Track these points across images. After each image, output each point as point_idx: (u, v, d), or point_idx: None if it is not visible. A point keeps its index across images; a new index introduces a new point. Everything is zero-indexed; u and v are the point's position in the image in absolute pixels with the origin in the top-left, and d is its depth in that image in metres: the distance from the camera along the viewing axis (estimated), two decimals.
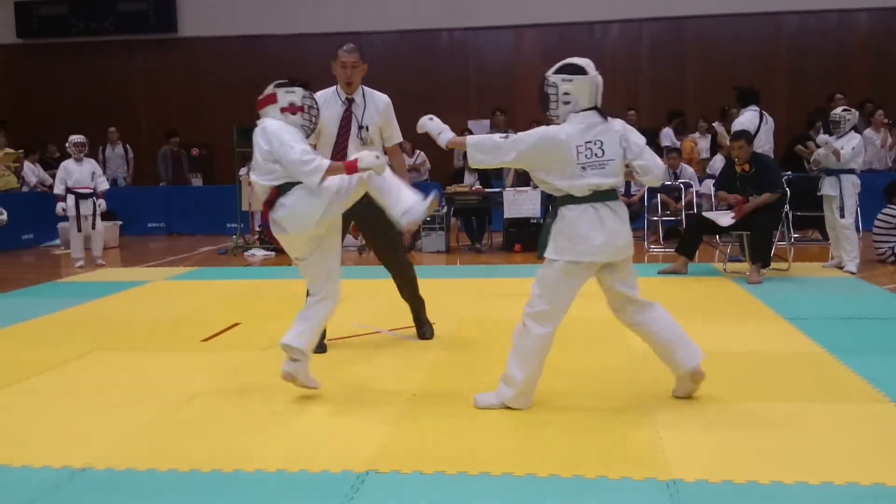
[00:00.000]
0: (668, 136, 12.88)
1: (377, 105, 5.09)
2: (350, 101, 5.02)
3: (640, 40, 15.13)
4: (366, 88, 5.11)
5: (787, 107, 13.68)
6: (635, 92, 14.82)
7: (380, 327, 5.71)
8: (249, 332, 5.78)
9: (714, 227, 7.84)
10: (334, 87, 5.07)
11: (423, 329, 5.43)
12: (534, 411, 3.82)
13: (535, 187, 10.38)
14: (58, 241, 11.85)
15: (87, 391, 4.37)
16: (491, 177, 10.84)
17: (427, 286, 5.57)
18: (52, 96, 16.07)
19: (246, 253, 10.55)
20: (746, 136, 7.70)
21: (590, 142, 3.64)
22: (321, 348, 4.89)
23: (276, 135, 3.89)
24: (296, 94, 4.05)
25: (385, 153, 4.96)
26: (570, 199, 3.67)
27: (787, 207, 7.76)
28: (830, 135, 8.14)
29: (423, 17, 15.14)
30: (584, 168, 3.62)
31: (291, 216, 3.90)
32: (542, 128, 3.73)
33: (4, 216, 8.53)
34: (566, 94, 3.66)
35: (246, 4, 15.61)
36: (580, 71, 3.68)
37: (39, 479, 3.14)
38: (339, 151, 4.94)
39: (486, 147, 3.76)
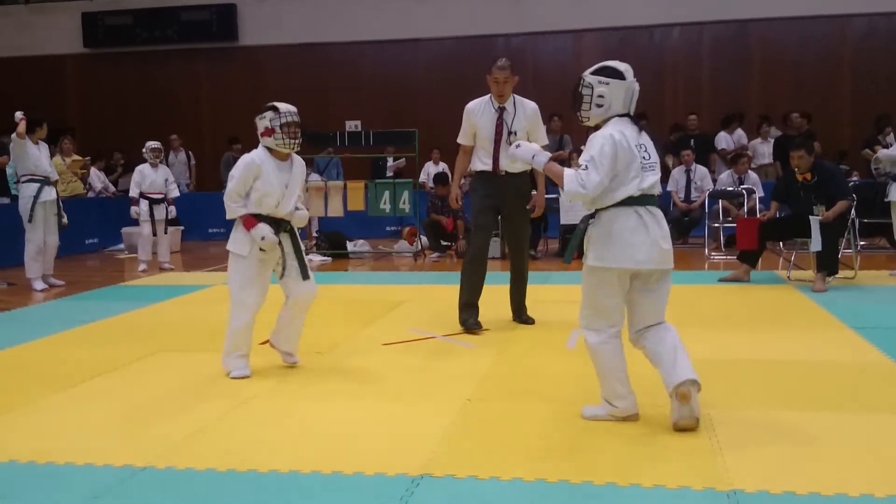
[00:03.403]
0: (725, 139, 12.66)
1: (525, 111, 5.65)
2: (502, 110, 5.61)
3: (702, 43, 14.91)
4: (516, 97, 5.69)
5: (853, 110, 13.35)
6: (697, 95, 14.62)
7: (435, 333, 5.71)
8: (305, 335, 5.81)
9: (778, 234, 7.67)
10: (488, 95, 5.67)
11: (524, 316, 5.96)
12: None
13: None
14: (122, 246, 12.13)
15: (150, 391, 4.46)
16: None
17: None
18: (118, 104, 16.47)
19: None
20: (807, 147, 7.51)
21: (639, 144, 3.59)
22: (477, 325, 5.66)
23: (236, 167, 4.56)
24: (265, 119, 4.52)
25: None
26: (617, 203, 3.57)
27: (853, 214, 7.56)
28: None
29: (480, 22, 15.13)
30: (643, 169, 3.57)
31: None
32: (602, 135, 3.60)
33: (65, 219, 8.73)
34: (600, 96, 3.61)
35: (304, 13, 15.83)
36: (618, 75, 3.62)
37: (101, 476, 3.21)
38: (494, 151, 5.63)
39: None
